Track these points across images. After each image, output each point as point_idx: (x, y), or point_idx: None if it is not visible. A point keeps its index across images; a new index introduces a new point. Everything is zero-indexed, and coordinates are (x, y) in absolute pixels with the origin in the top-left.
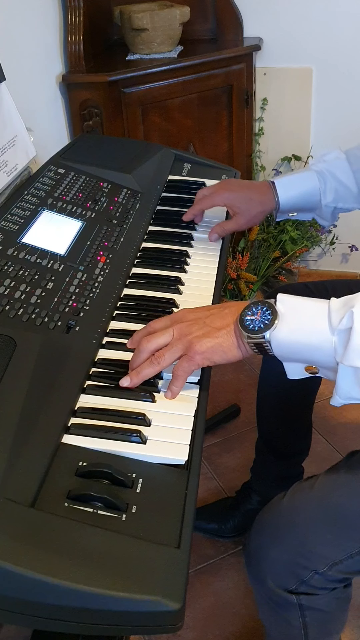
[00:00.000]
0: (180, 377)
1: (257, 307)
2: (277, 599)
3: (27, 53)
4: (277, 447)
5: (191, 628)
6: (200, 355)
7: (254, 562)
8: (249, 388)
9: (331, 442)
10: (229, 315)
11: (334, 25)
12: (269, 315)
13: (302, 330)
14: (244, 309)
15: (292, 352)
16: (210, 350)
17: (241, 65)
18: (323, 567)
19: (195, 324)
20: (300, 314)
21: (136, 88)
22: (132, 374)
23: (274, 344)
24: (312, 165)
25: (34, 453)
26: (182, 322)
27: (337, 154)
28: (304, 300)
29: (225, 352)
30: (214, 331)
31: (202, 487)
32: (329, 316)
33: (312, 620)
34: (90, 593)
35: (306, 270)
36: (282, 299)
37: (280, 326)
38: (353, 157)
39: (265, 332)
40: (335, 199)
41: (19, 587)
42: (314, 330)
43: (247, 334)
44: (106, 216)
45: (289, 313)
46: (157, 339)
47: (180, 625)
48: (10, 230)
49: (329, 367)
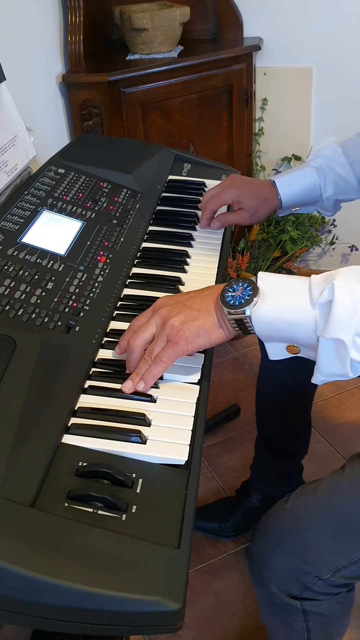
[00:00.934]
0: (162, 364)
1: (238, 284)
2: (280, 604)
3: (27, 53)
4: (277, 445)
5: (191, 628)
6: (184, 340)
7: (257, 567)
8: (249, 388)
9: (331, 442)
10: (208, 296)
11: (334, 25)
12: (249, 291)
13: (283, 306)
14: (225, 286)
15: (273, 329)
16: (194, 334)
17: (241, 65)
18: (326, 573)
19: (175, 308)
20: (281, 290)
21: (136, 88)
22: (133, 375)
23: (255, 321)
24: (310, 161)
25: (34, 453)
26: (161, 309)
27: (334, 147)
28: (285, 277)
29: (208, 334)
30: (194, 312)
31: (202, 487)
32: (310, 291)
33: (315, 624)
34: (90, 593)
35: (306, 270)
36: (263, 277)
37: (260, 302)
38: (349, 149)
39: (245, 307)
40: (335, 192)
41: (19, 587)
42: (295, 305)
43: (228, 310)
44: (106, 216)
45: (270, 290)
46: (142, 334)
47: (180, 625)
48: (10, 230)
49: (310, 345)
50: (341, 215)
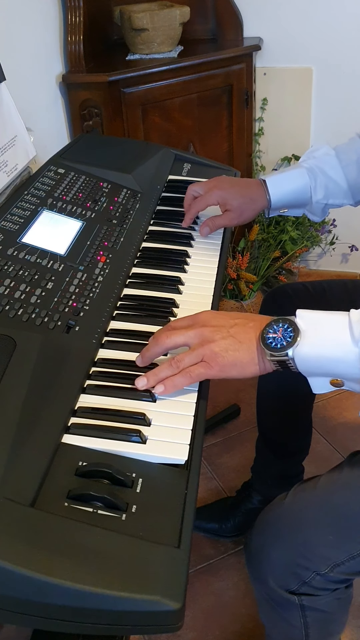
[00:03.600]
0: (189, 378)
1: (278, 325)
2: (278, 600)
3: (27, 53)
4: (278, 446)
5: (191, 628)
6: (219, 367)
7: (255, 563)
8: (249, 388)
9: (331, 442)
10: (252, 330)
11: (334, 25)
12: (290, 332)
13: (325, 344)
14: (265, 326)
15: (316, 366)
16: (230, 364)
17: (241, 65)
18: (324, 568)
19: (219, 332)
20: (321, 328)
21: (136, 88)
22: (150, 374)
23: (298, 361)
24: (302, 162)
25: (34, 453)
26: (204, 327)
27: (327, 149)
28: (323, 314)
29: (244, 368)
30: (236, 343)
31: (202, 487)
32: (351, 328)
33: (313, 620)
34: (90, 593)
35: (306, 270)
36: (302, 314)
37: (302, 342)
38: (342, 153)
39: (288, 350)
40: (326, 195)
41: (19, 587)
42: (337, 343)
43: (270, 352)
44: (106, 216)
45: (310, 328)
46: (176, 337)
47: (180, 625)
48: (10, 230)
49: (354, 379)
50: (341, 215)
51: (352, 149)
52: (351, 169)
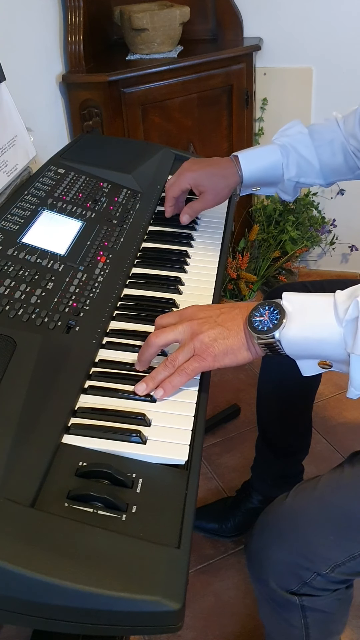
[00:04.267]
0: (186, 375)
1: (265, 308)
2: (279, 600)
3: (27, 53)
4: (278, 446)
5: (191, 628)
6: (212, 357)
7: (256, 563)
8: (249, 388)
9: (331, 442)
10: (238, 316)
11: (334, 25)
12: (276, 314)
13: (311, 326)
14: (252, 310)
15: (303, 348)
16: (222, 353)
17: (241, 65)
18: (325, 568)
19: (207, 323)
20: (307, 310)
21: (136, 88)
22: (148, 378)
23: (285, 343)
24: (275, 139)
25: (34, 453)
26: (192, 320)
27: (300, 128)
28: (309, 296)
29: (236, 354)
30: (225, 331)
31: (202, 487)
32: (335, 308)
33: (314, 621)
34: (90, 593)
35: (306, 270)
36: (288, 297)
37: (288, 324)
38: (316, 133)
39: (274, 332)
40: (297, 173)
41: (19, 587)
42: (322, 324)
43: (257, 335)
44: (106, 216)
45: (296, 310)
46: (166, 334)
47: (180, 625)
48: (10, 230)
49: (341, 360)
50: (341, 215)
51: (327, 129)
52: (324, 149)
